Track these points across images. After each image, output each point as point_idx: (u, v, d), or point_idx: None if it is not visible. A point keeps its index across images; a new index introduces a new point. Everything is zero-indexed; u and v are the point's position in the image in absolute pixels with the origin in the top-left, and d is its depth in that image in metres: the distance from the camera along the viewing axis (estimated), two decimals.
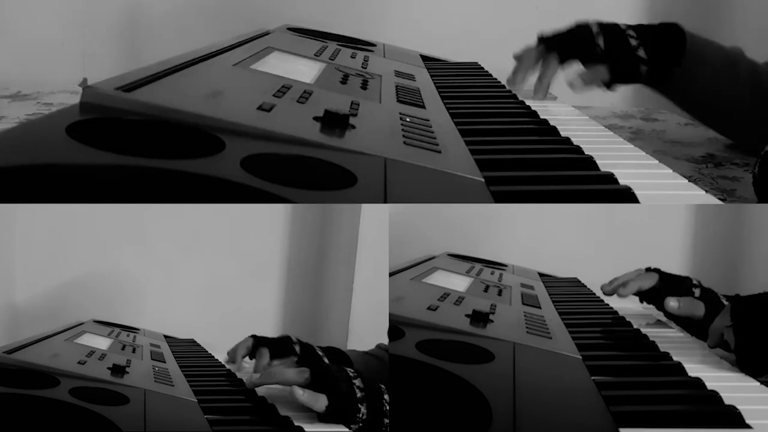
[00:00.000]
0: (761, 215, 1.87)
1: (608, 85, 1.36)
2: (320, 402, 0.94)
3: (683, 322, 1.19)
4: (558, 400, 0.81)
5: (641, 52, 1.32)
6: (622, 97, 1.84)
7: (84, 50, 2.06)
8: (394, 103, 1.10)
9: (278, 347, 1.23)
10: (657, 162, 0.96)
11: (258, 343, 1.26)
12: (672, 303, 1.16)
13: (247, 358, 1.27)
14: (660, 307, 1.21)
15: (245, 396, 1.03)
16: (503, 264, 1.80)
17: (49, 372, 1.02)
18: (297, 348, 1.22)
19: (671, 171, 0.92)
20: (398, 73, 1.38)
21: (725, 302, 1.16)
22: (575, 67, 1.38)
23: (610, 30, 1.34)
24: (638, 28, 1.35)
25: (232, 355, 1.28)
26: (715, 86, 1.35)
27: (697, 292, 1.19)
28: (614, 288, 1.26)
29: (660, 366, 0.97)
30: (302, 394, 0.94)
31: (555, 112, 1.24)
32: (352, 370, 0.98)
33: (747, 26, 1.96)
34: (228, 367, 1.27)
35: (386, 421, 0.93)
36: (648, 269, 1.26)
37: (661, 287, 1.21)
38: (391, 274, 1.32)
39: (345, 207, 1.83)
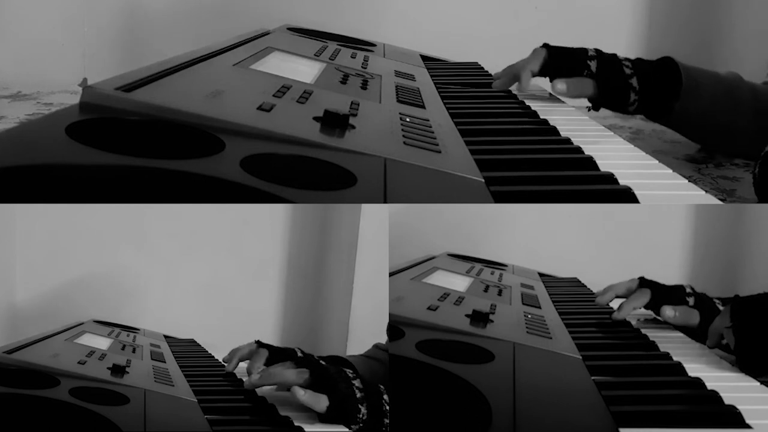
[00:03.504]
0: (761, 215, 1.87)
1: (595, 106, 1.35)
2: (321, 402, 0.94)
3: (679, 328, 1.20)
4: (558, 400, 0.81)
5: (633, 81, 1.31)
6: None
7: (84, 50, 2.06)
8: (394, 103, 1.10)
9: (280, 354, 1.21)
10: (657, 162, 0.96)
11: (260, 347, 1.23)
12: (668, 312, 1.17)
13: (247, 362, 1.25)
14: (656, 312, 1.22)
15: (245, 396, 1.03)
16: (503, 264, 1.80)
17: (49, 372, 1.02)
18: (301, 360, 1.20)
19: (671, 171, 0.92)
20: (398, 73, 1.38)
21: (720, 307, 1.16)
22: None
23: (605, 56, 1.34)
24: (635, 60, 1.34)
25: (231, 355, 1.26)
26: (716, 115, 1.34)
27: (691, 300, 1.19)
28: (608, 300, 1.28)
29: (660, 366, 0.97)
30: (303, 394, 0.94)
31: (555, 112, 1.24)
32: (351, 372, 0.98)
33: (745, 30, 1.96)
34: (224, 365, 1.26)
35: (386, 421, 0.93)
36: (641, 281, 1.26)
37: (655, 301, 1.22)
38: (391, 274, 1.32)
39: (345, 207, 1.83)
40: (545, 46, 1.37)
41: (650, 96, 1.32)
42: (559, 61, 1.34)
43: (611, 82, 1.31)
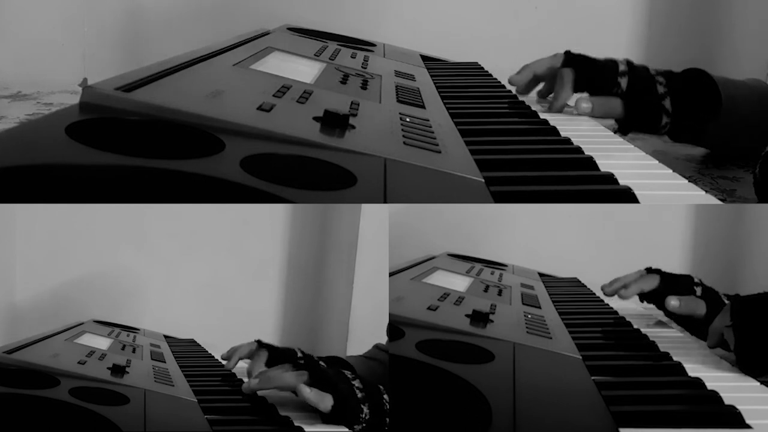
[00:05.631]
0: (761, 215, 1.87)
1: (624, 129, 1.27)
2: (326, 401, 0.94)
3: (684, 321, 1.19)
4: (558, 400, 0.81)
5: (667, 103, 1.23)
6: None
7: (84, 51, 2.06)
8: (394, 103, 1.10)
9: (280, 355, 1.21)
10: (657, 162, 0.96)
11: (260, 348, 1.23)
12: (673, 302, 1.16)
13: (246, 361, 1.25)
14: (661, 307, 1.21)
15: (245, 396, 1.03)
16: (503, 264, 1.80)
17: (49, 372, 1.02)
18: (301, 362, 1.20)
19: (671, 171, 0.92)
20: (398, 73, 1.38)
21: (726, 301, 1.16)
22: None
23: (637, 72, 1.25)
24: (668, 76, 1.25)
25: (230, 353, 1.26)
26: (747, 127, 1.28)
27: (698, 290, 1.18)
28: (615, 289, 1.25)
29: (660, 366, 0.97)
30: (309, 392, 0.94)
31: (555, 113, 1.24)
32: (351, 373, 0.98)
33: (745, 30, 1.96)
34: (223, 364, 1.26)
35: (388, 420, 0.93)
36: (649, 270, 1.25)
37: (663, 288, 1.21)
38: (391, 274, 1.32)
39: (345, 207, 1.83)
40: (567, 54, 1.30)
41: (684, 120, 1.25)
42: (585, 72, 1.26)
43: (642, 107, 1.23)
